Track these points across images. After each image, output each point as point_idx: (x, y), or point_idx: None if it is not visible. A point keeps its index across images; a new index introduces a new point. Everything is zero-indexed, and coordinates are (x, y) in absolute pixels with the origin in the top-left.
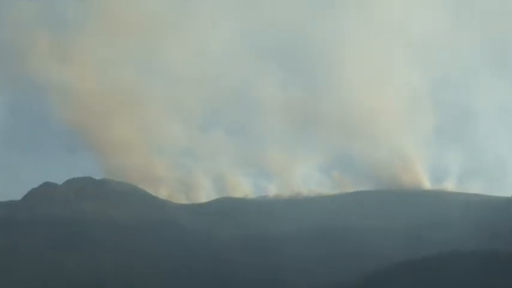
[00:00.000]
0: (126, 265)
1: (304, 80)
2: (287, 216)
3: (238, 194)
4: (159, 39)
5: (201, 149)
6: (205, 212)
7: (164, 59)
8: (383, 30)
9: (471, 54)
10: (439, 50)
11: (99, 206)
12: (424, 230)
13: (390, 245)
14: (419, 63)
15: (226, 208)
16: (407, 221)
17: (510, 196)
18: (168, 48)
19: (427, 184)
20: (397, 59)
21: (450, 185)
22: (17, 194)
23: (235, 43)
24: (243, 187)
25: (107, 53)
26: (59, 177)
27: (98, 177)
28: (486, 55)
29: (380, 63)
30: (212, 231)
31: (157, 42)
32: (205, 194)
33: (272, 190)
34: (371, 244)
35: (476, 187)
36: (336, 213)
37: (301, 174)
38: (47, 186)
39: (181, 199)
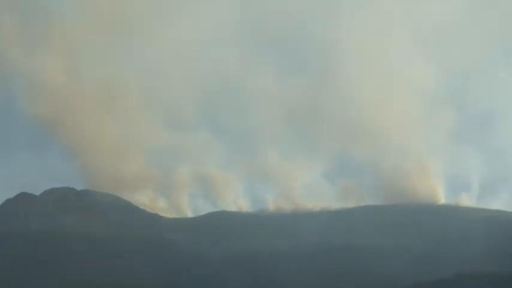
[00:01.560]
0: (110, 284)
1: (303, 75)
2: (286, 232)
3: (231, 203)
4: (142, 30)
5: (188, 151)
6: (196, 227)
7: (146, 52)
8: (392, 22)
9: (491, 47)
10: (456, 44)
11: (81, 219)
12: (438, 249)
13: (400, 266)
14: (433, 58)
15: (220, 223)
16: (420, 238)
17: None
18: (151, 40)
19: (443, 197)
20: (408, 53)
21: (469, 199)
22: None
23: (227, 34)
24: (236, 196)
25: (86, 44)
26: (37, 187)
27: (79, 188)
28: (509, 49)
29: (389, 57)
30: (204, 248)
31: (140, 33)
32: (194, 204)
33: (269, 200)
34: (378, 264)
35: (498, 202)
36: (339, 229)
37: (302, 182)
38: (23, 197)
39: (169, 212)
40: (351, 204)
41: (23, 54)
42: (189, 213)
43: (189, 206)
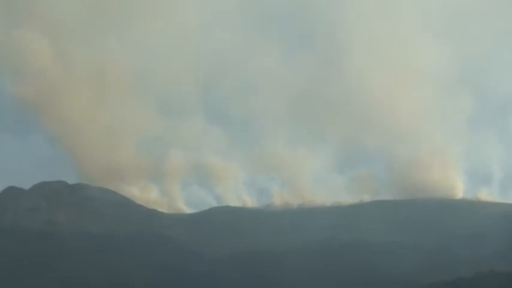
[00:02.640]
0: (105, 283)
1: (309, 58)
2: (292, 228)
3: (232, 196)
4: (135, 9)
5: (185, 139)
6: (197, 223)
7: (140, 32)
8: (402, 2)
9: (510, 27)
10: (471, 24)
11: (74, 215)
12: (457, 247)
13: (415, 264)
14: (447, 39)
15: (222, 219)
16: (437, 235)
17: None
18: (145, 20)
19: (461, 191)
20: (420, 34)
21: (488, 193)
22: None
23: (228, 12)
24: (238, 189)
25: (75, 24)
26: (26, 181)
27: (71, 181)
28: None
29: (400, 39)
30: (205, 245)
31: (132, 12)
32: (192, 197)
33: (274, 193)
34: (392, 263)
35: None
36: (349, 226)
37: (309, 174)
38: (11, 191)
39: (166, 206)
40: (361, 198)
41: (6, 32)
42: (187, 207)
43: (187, 199)
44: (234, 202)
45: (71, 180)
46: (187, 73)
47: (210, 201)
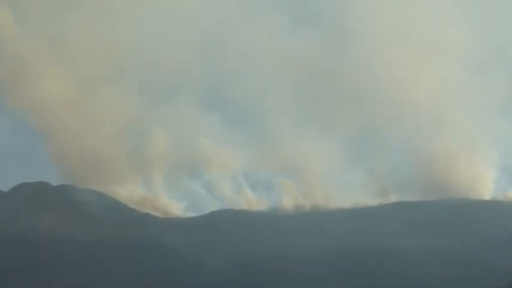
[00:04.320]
0: None
1: (317, 32)
2: (303, 234)
3: (235, 200)
4: None
5: (175, 126)
6: (196, 228)
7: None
8: None
9: None
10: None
11: (59, 220)
12: (488, 253)
13: (442, 273)
14: (475, 15)
15: (223, 224)
16: (466, 241)
17: None
18: None
19: (493, 190)
20: (447, 9)
21: None
22: None
23: None
24: (237, 186)
25: None
26: (4, 182)
27: (55, 183)
28: None
29: (424, 14)
30: (205, 253)
31: None
32: (190, 200)
33: (283, 193)
34: (416, 271)
35: None
36: (368, 230)
37: (319, 171)
38: None
39: (162, 209)
40: (380, 199)
41: None
42: (184, 210)
43: (183, 200)
44: (237, 204)
45: (55, 180)
46: (179, 49)
47: (210, 204)
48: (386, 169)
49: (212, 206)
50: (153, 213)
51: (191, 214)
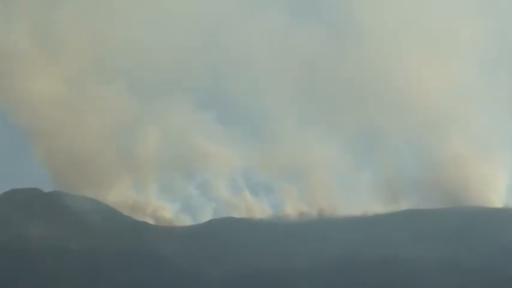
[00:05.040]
0: None
1: (318, 23)
2: (309, 243)
3: (235, 207)
4: None
5: (166, 123)
6: (195, 238)
7: None
8: None
9: None
10: None
11: (51, 229)
12: (501, 264)
13: (455, 285)
14: (491, 10)
15: (224, 233)
16: (478, 250)
17: None
18: None
19: (506, 197)
20: (458, 3)
21: None
22: None
23: None
24: (242, 197)
25: None
26: None
27: (47, 189)
28: None
29: (433, 9)
30: (205, 264)
31: None
32: (188, 208)
33: (287, 200)
34: (428, 283)
35: None
36: (378, 239)
37: (325, 175)
38: None
39: (158, 217)
40: (390, 206)
41: None
42: (181, 218)
43: (179, 208)
44: (236, 210)
45: (46, 187)
46: (173, 45)
47: (207, 208)
48: (394, 174)
49: (209, 211)
50: (149, 220)
51: (187, 219)
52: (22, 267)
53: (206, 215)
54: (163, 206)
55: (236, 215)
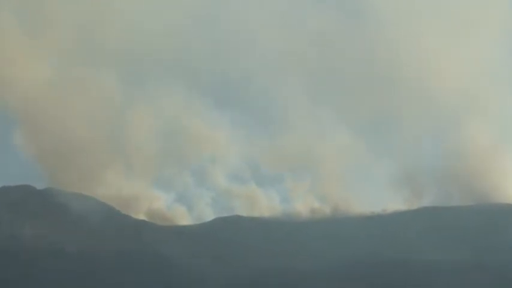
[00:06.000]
0: None
1: (328, 3)
2: (320, 243)
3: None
4: None
5: (160, 111)
6: (199, 237)
7: None
8: None
9: None
10: None
11: (44, 228)
12: None
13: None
14: None
15: (229, 232)
16: (501, 251)
17: None
18: None
19: None
20: None
21: None
22: None
23: None
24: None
25: None
26: None
27: (40, 186)
28: None
29: None
30: (209, 265)
31: None
32: (191, 206)
33: (297, 197)
34: (449, 286)
35: None
36: (394, 239)
37: (338, 170)
38: None
39: (159, 214)
40: (408, 203)
41: None
42: (184, 217)
43: (182, 205)
44: (242, 206)
45: (38, 182)
46: (163, 21)
47: (206, 201)
48: (413, 168)
49: (207, 200)
50: (147, 218)
51: (188, 216)
52: (15, 270)
53: (204, 207)
54: (158, 197)
55: (237, 206)
